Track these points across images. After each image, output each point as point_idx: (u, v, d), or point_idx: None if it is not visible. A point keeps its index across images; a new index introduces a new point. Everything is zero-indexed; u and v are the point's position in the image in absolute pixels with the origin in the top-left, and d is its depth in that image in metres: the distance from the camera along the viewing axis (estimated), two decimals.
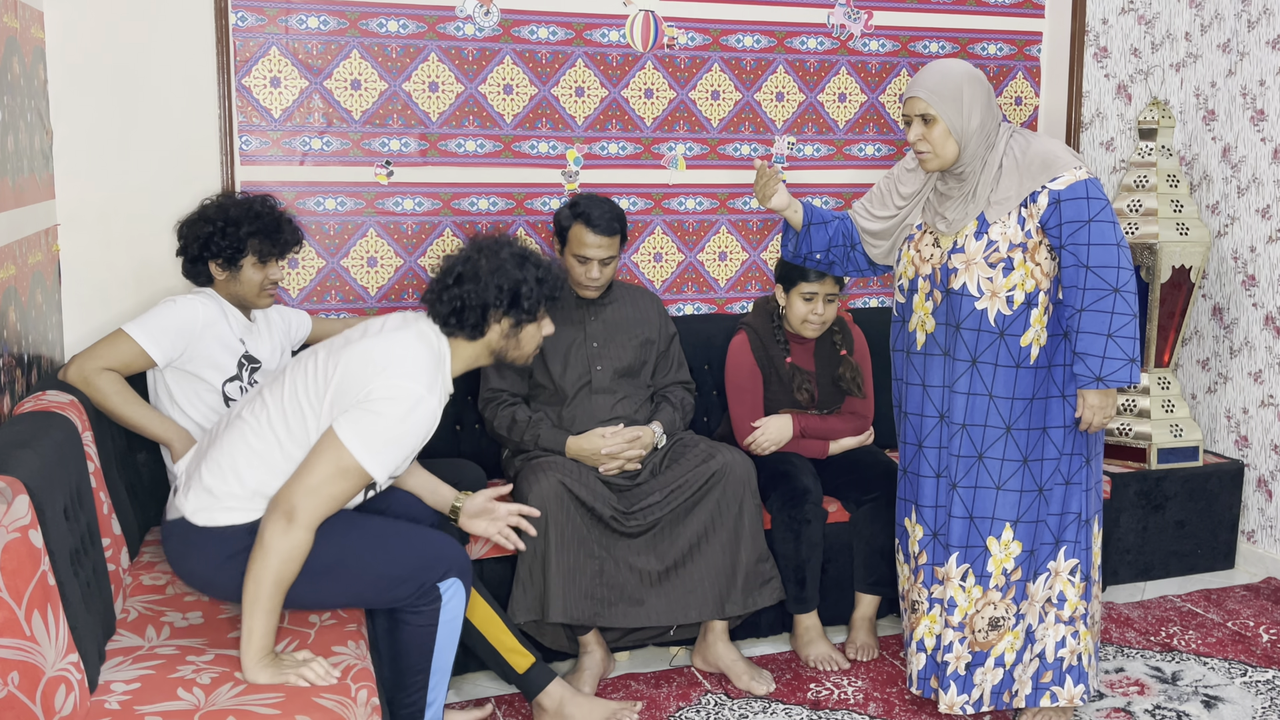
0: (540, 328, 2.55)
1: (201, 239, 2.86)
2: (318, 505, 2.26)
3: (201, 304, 2.85)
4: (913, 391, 2.87)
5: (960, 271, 2.72)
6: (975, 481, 2.77)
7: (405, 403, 2.29)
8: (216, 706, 2.06)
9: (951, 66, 2.73)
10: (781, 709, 3.04)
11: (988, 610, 2.81)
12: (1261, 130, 3.99)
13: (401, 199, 3.57)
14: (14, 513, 1.87)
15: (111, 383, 2.71)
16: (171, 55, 3.27)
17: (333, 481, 2.27)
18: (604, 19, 3.70)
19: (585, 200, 3.30)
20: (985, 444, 2.75)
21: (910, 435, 2.89)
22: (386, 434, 2.29)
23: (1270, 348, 4.01)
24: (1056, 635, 2.83)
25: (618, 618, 3.07)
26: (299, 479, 2.27)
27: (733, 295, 3.97)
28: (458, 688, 3.13)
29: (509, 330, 2.49)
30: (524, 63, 3.62)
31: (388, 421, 2.28)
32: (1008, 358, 2.71)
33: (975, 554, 2.80)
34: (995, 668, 2.84)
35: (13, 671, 1.78)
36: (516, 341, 2.52)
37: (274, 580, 2.22)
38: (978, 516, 2.78)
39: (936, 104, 2.67)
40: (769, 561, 3.23)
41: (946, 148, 2.70)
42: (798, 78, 3.93)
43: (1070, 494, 2.80)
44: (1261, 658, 3.36)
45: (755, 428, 3.38)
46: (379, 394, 2.29)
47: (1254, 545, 4.11)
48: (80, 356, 2.73)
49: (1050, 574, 2.82)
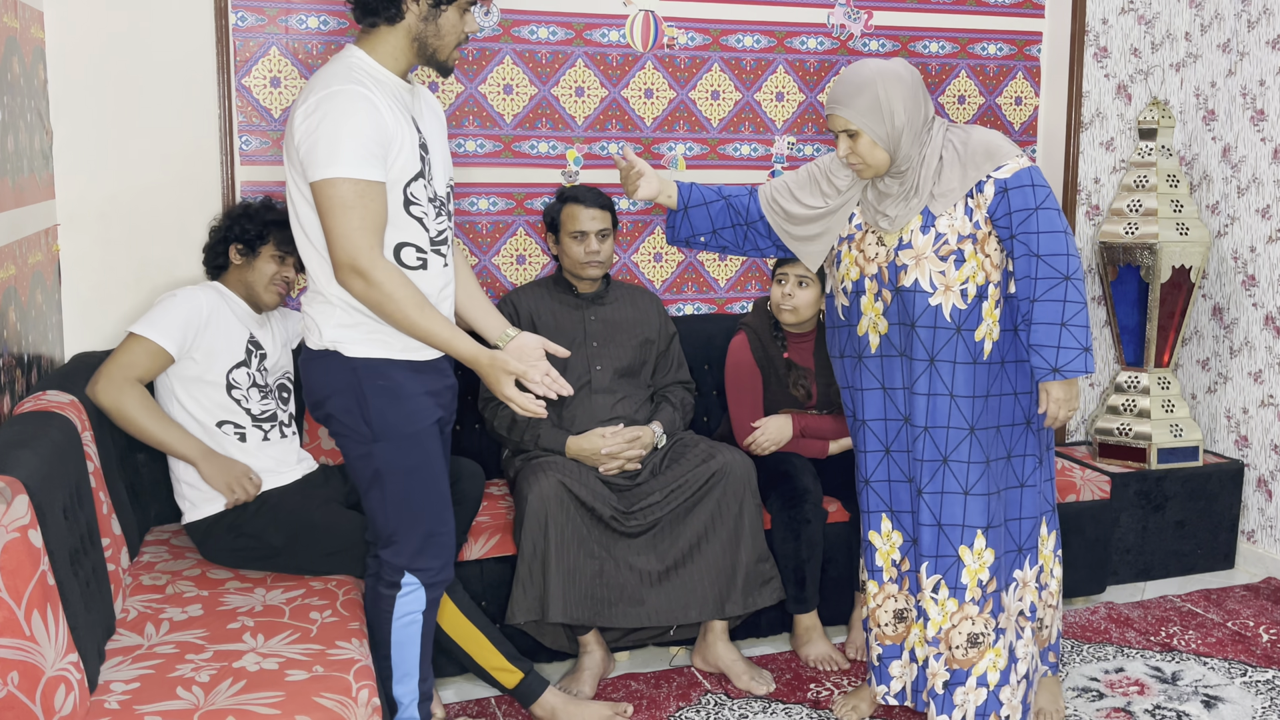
0: (463, 19, 2.45)
1: (230, 220, 2.96)
2: (362, 240, 2.32)
3: (203, 293, 2.86)
4: (871, 397, 2.75)
5: (910, 268, 2.63)
6: (941, 486, 2.66)
7: (345, 99, 2.31)
8: (216, 706, 2.06)
9: (862, 72, 2.60)
10: (781, 709, 3.04)
11: (965, 625, 2.68)
12: (1261, 130, 3.99)
13: None
14: (14, 513, 1.87)
15: (138, 400, 2.72)
16: (171, 55, 3.27)
17: (348, 213, 2.31)
18: (604, 19, 3.70)
19: (568, 189, 3.39)
20: (950, 446, 2.65)
21: (873, 442, 2.76)
22: (347, 137, 2.29)
23: (1270, 348, 4.01)
24: (1034, 650, 2.78)
25: (618, 618, 3.07)
26: (332, 240, 2.33)
27: (733, 295, 3.97)
28: (457, 688, 3.14)
29: (428, 11, 2.41)
30: (524, 63, 3.62)
31: (343, 126, 2.30)
32: (965, 354, 2.63)
33: (947, 564, 2.67)
34: (978, 688, 2.69)
35: (12, 671, 1.78)
36: (436, 28, 2.42)
37: (412, 305, 2.34)
38: (947, 524, 2.66)
39: (854, 118, 2.58)
40: (769, 561, 3.23)
41: (876, 156, 2.61)
42: (798, 78, 3.93)
43: (1026, 497, 2.73)
44: (1261, 658, 3.36)
45: (755, 428, 3.38)
46: (323, 115, 2.31)
47: (1254, 545, 4.11)
48: (104, 373, 2.71)
49: (1018, 584, 2.75)
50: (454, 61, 2.50)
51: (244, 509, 2.78)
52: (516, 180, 3.67)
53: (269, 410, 2.90)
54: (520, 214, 3.69)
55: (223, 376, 2.82)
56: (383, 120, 2.34)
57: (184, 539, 3.00)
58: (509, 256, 3.69)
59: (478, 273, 3.65)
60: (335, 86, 2.33)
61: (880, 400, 2.74)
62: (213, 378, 2.82)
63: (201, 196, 3.33)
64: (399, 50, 2.44)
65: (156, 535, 3.05)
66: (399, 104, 2.41)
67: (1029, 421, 2.71)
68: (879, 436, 2.76)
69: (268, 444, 2.88)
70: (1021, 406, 2.70)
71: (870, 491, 2.80)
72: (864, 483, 2.81)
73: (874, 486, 2.79)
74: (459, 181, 3.60)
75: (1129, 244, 3.97)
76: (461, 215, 3.62)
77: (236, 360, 2.84)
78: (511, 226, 3.68)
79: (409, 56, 2.45)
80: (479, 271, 3.66)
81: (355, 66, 2.40)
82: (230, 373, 2.83)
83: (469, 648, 2.84)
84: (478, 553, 3.12)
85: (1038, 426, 2.72)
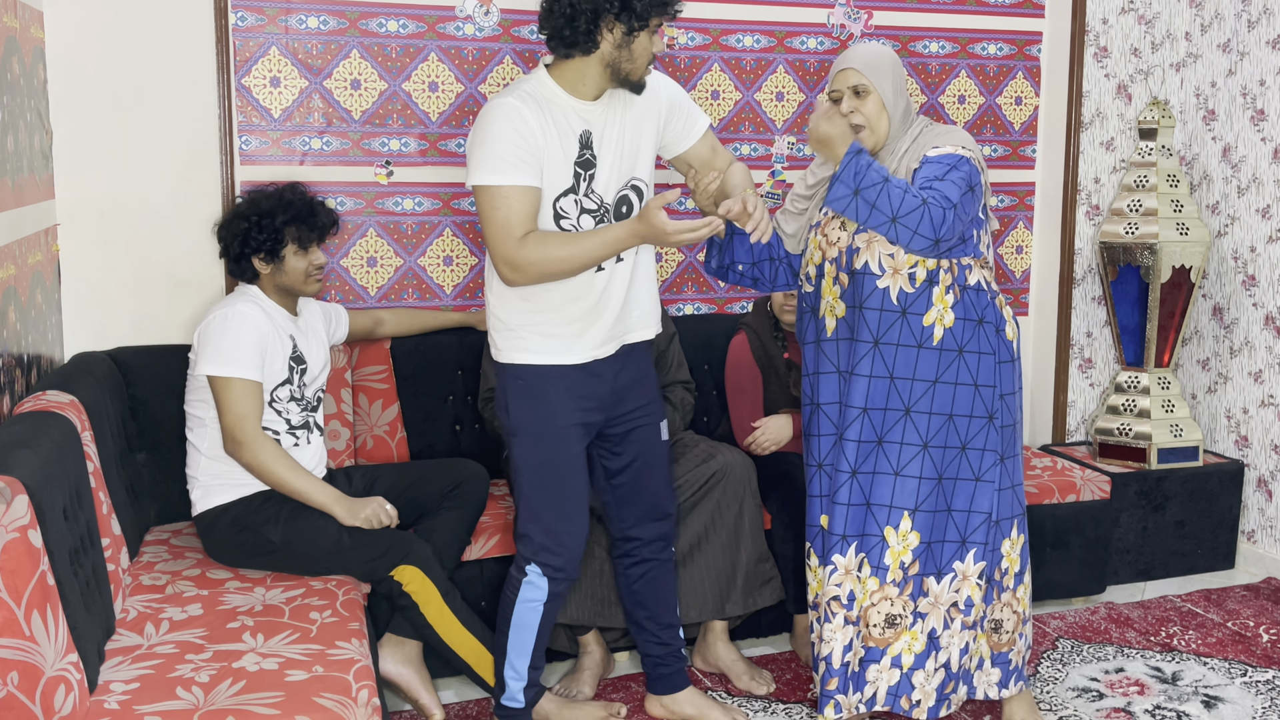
0: (653, 39, 2.52)
1: (240, 236, 2.87)
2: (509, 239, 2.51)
3: (250, 310, 2.81)
4: (827, 380, 2.74)
5: (862, 250, 2.65)
6: (874, 467, 2.67)
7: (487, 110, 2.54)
8: (216, 706, 2.06)
9: (879, 46, 2.72)
10: (781, 709, 3.04)
11: (884, 605, 2.68)
12: (1261, 130, 3.99)
13: (401, 199, 3.57)
14: (13, 513, 1.87)
15: (275, 454, 2.74)
16: (171, 55, 3.27)
17: (494, 215, 2.51)
18: None
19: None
20: (885, 428, 2.65)
21: (826, 426, 2.75)
22: (488, 144, 2.49)
23: (1270, 348, 4.01)
24: (960, 642, 2.73)
25: (618, 618, 3.07)
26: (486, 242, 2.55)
27: (733, 295, 3.97)
28: (457, 689, 3.14)
29: (621, 39, 2.47)
30: (524, 63, 3.62)
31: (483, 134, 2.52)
32: (909, 337, 2.63)
33: (872, 543, 2.67)
34: (892, 668, 2.70)
35: (12, 671, 1.79)
36: (629, 54, 2.49)
37: (576, 260, 2.52)
38: (875, 504, 2.67)
39: (871, 75, 2.64)
40: (769, 561, 3.23)
41: (880, 122, 2.66)
42: (798, 78, 3.93)
43: (980, 491, 2.69)
44: (1261, 658, 3.36)
45: (755, 428, 3.38)
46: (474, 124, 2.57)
47: (1254, 545, 4.11)
48: (235, 435, 2.72)
49: (956, 576, 2.71)
50: (646, 78, 2.57)
51: (249, 503, 2.78)
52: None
53: (305, 420, 2.91)
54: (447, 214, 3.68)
55: (268, 393, 2.82)
56: (531, 130, 2.46)
57: (184, 538, 3.00)
58: (435, 257, 3.66)
59: (402, 274, 3.61)
60: (491, 100, 2.51)
61: (835, 384, 2.74)
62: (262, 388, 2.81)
63: (201, 196, 3.33)
64: (591, 78, 2.52)
65: (156, 535, 3.05)
66: (564, 122, 2.50)
67: (991, 416, 2.68)
68: (832, 420, 2.75)
69: (296, 449, 2.88)
70: (983, 399, 2.67)
71: (822, 475, 2.78)
72: (815, 466, 2.79)
73: (826, 470, 2.77)
74: (460, 181, 3.59)
75: (1129, 244, 3.97)
76: (461, 215, 3.62)
77: (281, 379, 2.84)
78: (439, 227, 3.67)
79: (602, 83, 2.53)
80: (404, 273, 3.62)
81: (522, 84, 2.53)
82: (275, 390, 2.83)
83: (465, 654, 2.84)
84: (478, 553, 3.12)
85: (1002, 424, 2.70)
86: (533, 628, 2.72)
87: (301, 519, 2.77)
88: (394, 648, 2.88)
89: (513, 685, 2.76)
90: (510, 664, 2.75)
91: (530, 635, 2.72)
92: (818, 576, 2.80)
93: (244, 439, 2.72)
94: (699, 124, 2.73)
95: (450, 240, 3.63)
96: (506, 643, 2.74)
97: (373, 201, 3.54)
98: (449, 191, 3.61)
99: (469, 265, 3.66)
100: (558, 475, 2.66)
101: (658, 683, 2.94)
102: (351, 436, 3.33)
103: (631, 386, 2.72)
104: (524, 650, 2.73)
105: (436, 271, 3.63)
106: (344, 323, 3.20)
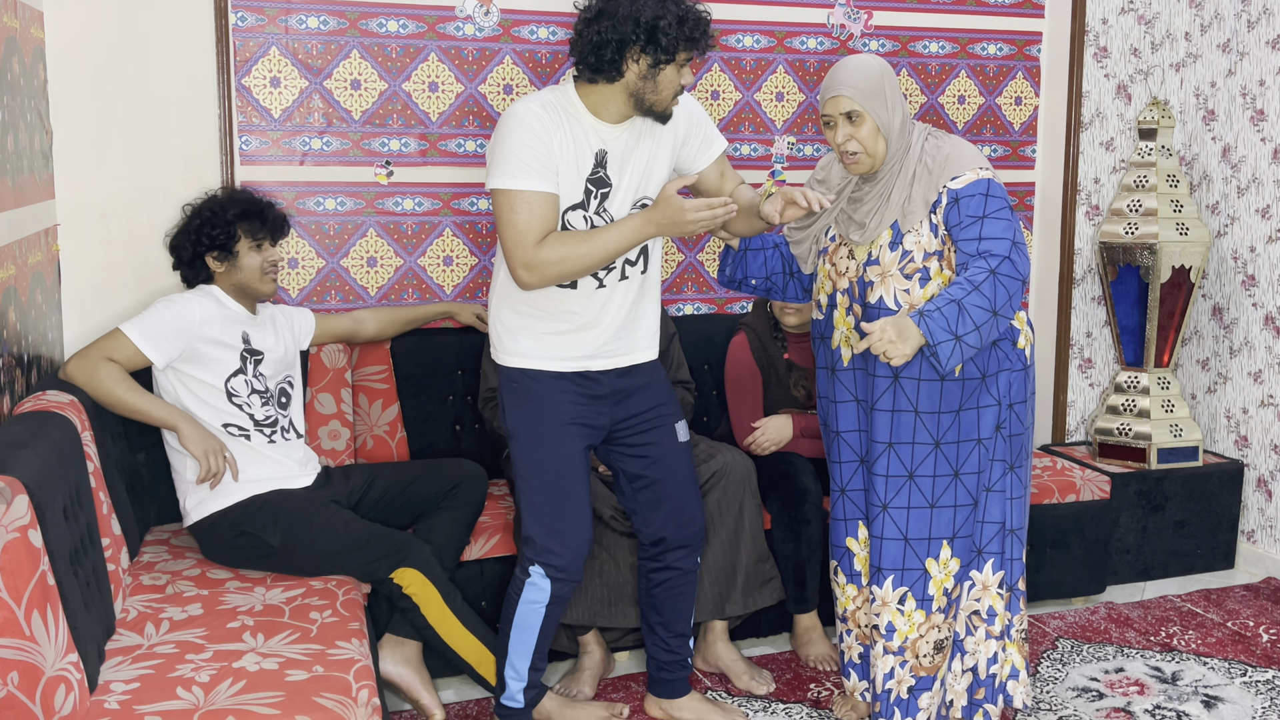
0: (680, 72, 2.52)
1: (192, 234, 2.91)
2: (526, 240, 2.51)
3: (198, 301, 2.86)
4: (845, 409, 2.74)
5: (876, 284, 2.62)
6: (908, 502, 2.65)
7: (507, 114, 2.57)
8: (216, 706, 2.06)
9: (867, 61, 2.61)
10: (781, 709, 3.04)
11: (932, 635, 2.69)
12: (1261, 130, 3.99)
13: (401, 199, 3.57)
14: (13, 513, 1.87)
15: (113, 373, 2.73)
16: (171, 55, 3.27)
17: (513, 217, 2.49)
18: None
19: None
20: (915, 462, 2.63)
21: (848, 453, 2.76)
22: (508, 148, 2.53)
23: (1270, 348, 4.01)
24: (988, 651, 2.76)
25: (618, 618, 3.07)
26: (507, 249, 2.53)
27: (733, 295, 3.97)
28: (457, 689, 3.14)
29: (647, 71, 2.48)
30: (524, 63, 3.62)
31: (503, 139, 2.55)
32: (930, 371, 2.60)
33: (914, 577, 2.67)
34: (939, 689, 2.74)
35: (12, 671, 1.79)
36: (654, 85, 2.50)
37: (584, 259, 2.52)
38: (914, 539, 2.66)
39: (862, 100, 2.56)
40: (769, 561, 3.23)
41: (877, 145, 2.59)
42: (798, 78, 3.93)
43: (991, 501, 2.70)
44: (1261, 658, 3.36)
45: (755, 428, 3.38)
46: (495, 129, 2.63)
47: (1254, 545, 4.11)
48: (79, 354, 2.75)
49: (975, 585, 2.73)
50: (671, 109, 2.57)
51: (246, 507, 2.78)
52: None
53: (271, 416, 2.90)
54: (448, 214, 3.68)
55: (221, 384, 2.83)
56: (549, 136, 2.48)
57: (184, 539, 3.00)
58: (435, 257, 3.66)
59: (402, 275, 3.62)
60: (513, 104, 2.53)
61: (854, 412, 2.74)
62: (213, 383, 2.82)
63: (201, 196, 3.32)
64: (614, 104, 2.53)
65: (156, 535, 3.05)
66: (581, 137, 2.52)
67: (998, 426, 2.68)
68: (853, 447, 2.76)
69: (273, 446, 2.88)
70: (993, 415, 2.66)
71: (846, 500, 2.80)
72: (839, 491, 2.81)
73: (850, 495, 2.79)
74: (459, 181, 3.60)
75: (1129, 244, 3.97)
76: (461, 215, 3.62)
77: (232, 369, 2.84)
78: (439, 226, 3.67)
79: (625, 110, 2.54)
80: (404, 273, 3.63)
81: (547, 93, 2.57)
82: (228, 381, 2.84)
83: (467, 655, 2.84)
84: (478, 553, 3.12)
85: (1009, 433, 2.70)
86: (534, 629, 2.72)
87: (300, 522, 2.77)
88: (394, 648, 2.88)
89: (513, 686, 2.76)
90: (511, 665, 2.75)
91: (531, 637, 2.73)
92: (846, 594, 2.85)
93: (84, 360, 2.73)
94: (715, 147, 2.72)
95: (450, 240, 3.63)
96: (508, 643, 2.75)
97: (373, 202, 3.54)
98: (449, 192, 3.61)
99: (469, 265, 3.66)
100: (556, 474, 2.66)
101: (660, 686, 2.94)
102: (351, 436, 3.33)
103: (636, 391, 2.73)
104: (525, 651, 2.74)
105: (436, 272, 3.63)
106: (308, 320, 3.18)
